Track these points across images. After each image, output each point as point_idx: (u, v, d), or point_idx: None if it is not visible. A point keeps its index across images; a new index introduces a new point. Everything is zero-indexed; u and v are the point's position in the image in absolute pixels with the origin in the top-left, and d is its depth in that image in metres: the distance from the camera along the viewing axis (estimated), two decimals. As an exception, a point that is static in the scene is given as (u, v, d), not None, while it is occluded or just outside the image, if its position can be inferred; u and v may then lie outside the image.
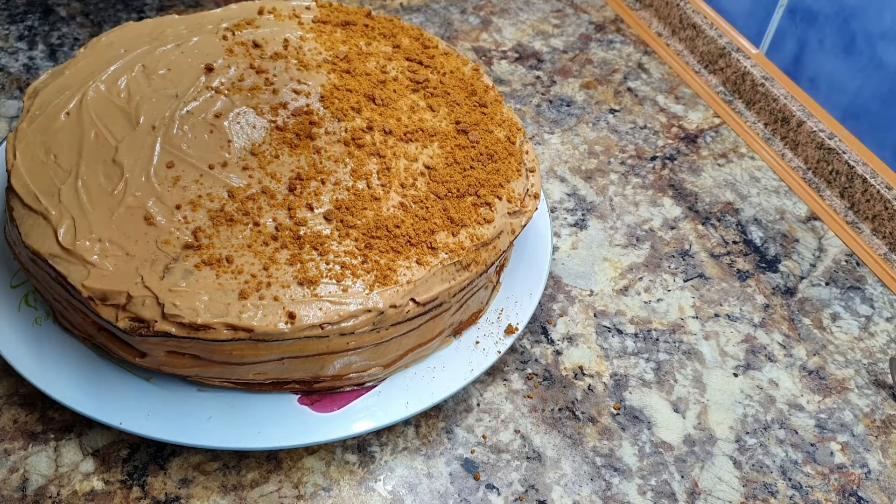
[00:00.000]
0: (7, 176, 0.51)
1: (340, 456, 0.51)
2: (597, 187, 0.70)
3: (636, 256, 0.65)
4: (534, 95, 0.78)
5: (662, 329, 0.60)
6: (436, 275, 0.49)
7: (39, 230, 0.48)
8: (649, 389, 0.57)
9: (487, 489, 0.51)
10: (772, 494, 0.52)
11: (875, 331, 0.62)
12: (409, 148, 0.55)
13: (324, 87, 0.57)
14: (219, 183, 0.50)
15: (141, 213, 0.49)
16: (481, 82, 0.61)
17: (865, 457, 0.55)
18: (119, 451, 0.50)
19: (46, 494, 0.48)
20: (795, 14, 0.74)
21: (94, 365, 0.50)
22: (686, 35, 0.84)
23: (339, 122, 0.55)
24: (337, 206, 0.50)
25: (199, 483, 0.49)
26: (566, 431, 0.54)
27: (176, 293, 0.45)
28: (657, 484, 0.52)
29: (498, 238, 0.52)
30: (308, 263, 0.48)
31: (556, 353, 0.58)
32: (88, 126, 0.53)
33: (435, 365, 0.53)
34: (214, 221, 0.49)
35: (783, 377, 0.58)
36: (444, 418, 0.54)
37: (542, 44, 0.84)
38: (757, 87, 0.77)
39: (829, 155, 0.71)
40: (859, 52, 0.69)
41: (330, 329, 0.46)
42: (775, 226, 0.69)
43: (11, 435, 0.51)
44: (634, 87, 0.80)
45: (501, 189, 0.53)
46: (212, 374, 0.49)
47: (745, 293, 0.64)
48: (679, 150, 0.75)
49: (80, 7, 0.81)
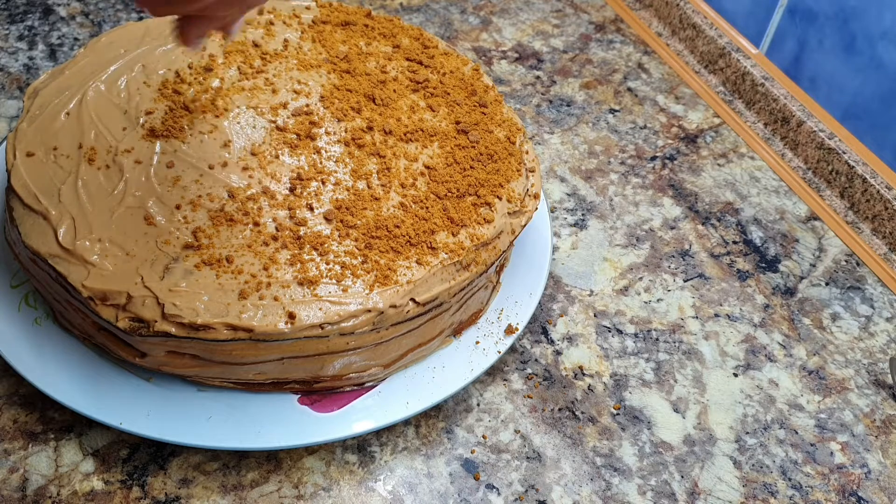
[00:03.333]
0: (7, 176, 0.51)
1: (340, 456, 0.51)
2: (597, 187, 0.70)
3: (636, 256, 0.65)
4: (534, 95, 0.78)
5: (662, 329, 0.60)
6: (436, 275, 0.49)
7: (39, 230, 0.48)
8: (649, 389, 0.57)
9: (487, 489, 0.51)
10: (772, 494, 0.52)
11: (875, 331, 0.62)
12: (409, 148, 0.55)
13: (324, 87, 0.57)
14: (219, 183, 0.50)
15: (141, 213, 0.49)
16: (481, 82, 0.61)
17: (865, 457, 0.55)
18: (119, 451, 0.50)
19: (46, 494, 0.48)
20: (795, 14, 0.74)
21: (94, 365, 0.50)
22: (686, 35, 0.84)
23: (339, 122, 0.55)
24: (337, 207, 0.50)
25: (199, 483, 0.49)
26: (566, 431, 0.54)
27: (176, 293, 0.45)
28: (657, 484, 0.52)
29: (498, 238, 0.52)
30: (308, 263, 0.48)
31: (556, 353, 0.58)
32: (88, 126, 0.53)
33: (435, 365, 0.53)
34: (214, 221, 0.49)
35: (783, 377, 0.58)
36: (444, 418, 0.54)
37: (542, 44, 0.84)
38: (757, 87, 0.77)
39: (829, 155, 0.71)
40: (859, 52, 0.69)
41: (330, 329, 0.46)
42: (775, 226, 0.69)
43: (11, 435, 0.51)
44: (634, 87, 0.80)
45: (501, 189, 0.53)
46: (212, 374, 0.49)
47: (745, 293, 0.64)
48: (679, 150, 0.75)
49: (80, 7, 0.81)
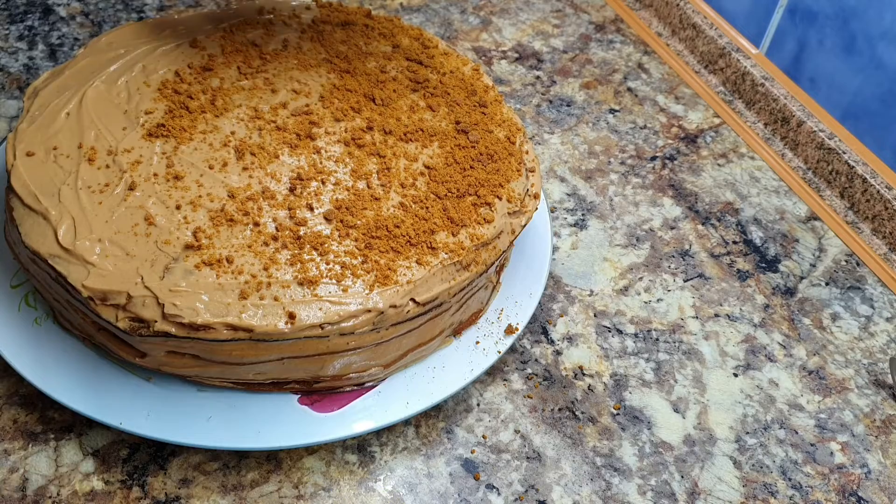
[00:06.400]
0: (7, 176, 0.51)
1: (340, 456, 0.51)
2: (597, 187, 0.70)
3: (636, 256, 0.65)
4: (534, 95, 0.78)
5: (662, 329, 0.60)
6: (436, 275, 0.49)
7: (39, 230, 0.48)
8: (649, 389, 0.57)
9: (487, 489, 0.51)
10: (772, 494, 0.52)
11: (875, 331, 0.62)
12: (409, 148, 0.55)
13: (323, 86, 0.57)
14: (219, 183, 0.50)
15: (141, 213, 0.49)
16: (481, 82, 0.61)
17: (865, 457, 0.55)
18: (119, 451, 0.50)
19: (46, 494, 0.48)
20: (795, 14, 0.74)
21: (94, 365, 0.50)
22: (686, 35, 0.84)
23: (338, 122, 0.55)
24: (337, 206, 0.50)
25: (199, 483, 0.49)
26: (566, 431, 0.54)
27: (176, 293, 0.45)
28: (657, 484, 0.52)
29: (498, 238, 0.52)
30: (308, 263, 0.47)
31: (556, 353, 0.58)
32: (88, 126, 0.53)
33: (435, 365, 0.53)
34: (214, 221, 0.49)
35: (783, 377, 0.58)
36: (444, 418, 0.54)
37: (542, 44, 0.84)
38: (757, 87, 0.77)
39: (829, 155, 0.71)
40: (859, 53, 0.69)
41: (330, 329, 0.46)
42: (775, 226, 0.69)
43: (11, 435, 0.51)
44: (634, 87, 0.80)
45: (501, 189, 0.53)
46: (212, 374, 0.49)
47: (745, 293, 0.64)
48: (679, 150, 0.74)
49: (80, 7, 0.81)
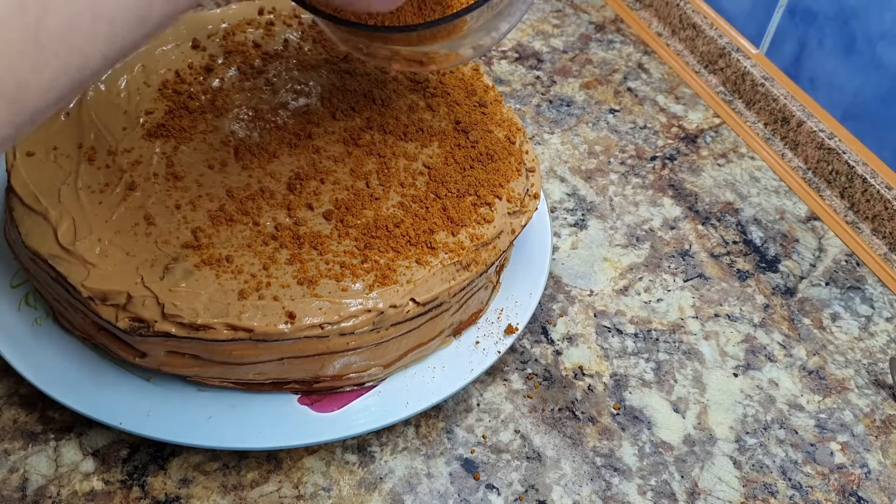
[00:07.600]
0: (7, 176, 0.51)
1: (340, 456, 0.51)
2: (597, 187, 0.70)
3: (636, 256, 0.65)
4: (534, 95, 0.78)
5: (662, 329, 0.60)
6: (436, 275, 0.49)
7: (39, 230, 0.48)
8: (649, 389, 0.57)
9: (487, 489, 0.51)
10: (772, 494, 0.52)
11: (875, 331, 0.62)
12: (409, 147, 0.55)
13: (323, 87, 0.57)
14: (218, 183, 0.50)
15: (141, 212, 0.49)
16: (481, 82, 0.61)
17: (865, 457, 0.55)
18: (119, 451, 0.50)
19: (46, 494, 0.48)
20: (795, 14, 0.74)
21: (94, 365, 0.50)
22: (686, 35, 0.84)
23: (338, 122, 0.55)
24: (336, 206, 0.50)
25: (199, 483, 0.49)
26: (566, 431, 0.54)
27: (176, 293, 0.45)
28: (657, 484, 0.52)
29: (498, 238, 0.52)
30: (308, 263, 0.47)
31: (556, 353, 0.58)
32: (88, 126, 0.53)
33: (435, 365, 0.53)
34: (214, 221, 0.49)
35: (783, 377, 0.58)
36: (444, 418, 0.54)
37: (542, 44, 0.84)
38: (757, 87, 0.77)
39: (829, 155, 0.71)
40: (859, 53, 0.69)
41: (330, 329, 0.46)
42: (775, 226, 0.69)
43: (11, 435, 0.51)
44: (634, 87, 0.80)
45: (501, 189, 0.53)
46: (212, 374, 0.49)
47: (745, 293, 0.64)
48: (679, 150, 0.74)
49: (81, 7, 0.81)
